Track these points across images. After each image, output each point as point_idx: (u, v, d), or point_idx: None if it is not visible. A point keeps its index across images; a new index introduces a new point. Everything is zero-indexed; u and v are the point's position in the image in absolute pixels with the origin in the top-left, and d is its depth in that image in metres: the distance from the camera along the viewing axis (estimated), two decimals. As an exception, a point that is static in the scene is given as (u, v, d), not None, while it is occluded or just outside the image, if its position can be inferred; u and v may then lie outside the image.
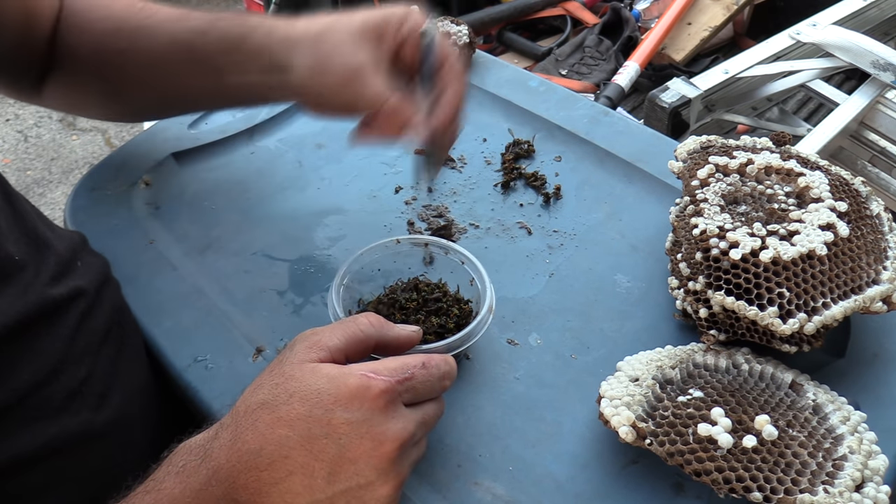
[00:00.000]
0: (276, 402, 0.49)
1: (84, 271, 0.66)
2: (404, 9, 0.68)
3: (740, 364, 0.61)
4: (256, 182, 0.84)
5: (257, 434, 0.49)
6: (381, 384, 0.49)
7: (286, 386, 0.50)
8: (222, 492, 0.48)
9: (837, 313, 0.60)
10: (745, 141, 0.75)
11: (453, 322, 0.65)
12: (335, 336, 0.53)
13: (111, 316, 0.66)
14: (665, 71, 1.78)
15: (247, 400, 0.51)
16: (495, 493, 0.57)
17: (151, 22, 0.73)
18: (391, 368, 0.51)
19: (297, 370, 0.51)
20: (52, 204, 2.45)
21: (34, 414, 0.56)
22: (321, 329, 0.54)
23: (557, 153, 0.86)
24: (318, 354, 0.52)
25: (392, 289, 0.68)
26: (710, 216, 0.65)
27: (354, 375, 0.49)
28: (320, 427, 0.48)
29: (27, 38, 0.71)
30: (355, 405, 0.49)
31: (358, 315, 0.56)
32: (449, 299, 0.66)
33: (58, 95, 0.78)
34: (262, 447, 0.48)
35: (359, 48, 0.65)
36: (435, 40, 0.67)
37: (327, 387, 0.49)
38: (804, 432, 0.55)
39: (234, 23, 0.71)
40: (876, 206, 0.68)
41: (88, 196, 0.81)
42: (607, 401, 0.57)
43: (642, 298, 0.71)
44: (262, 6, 2.21)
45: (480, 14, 1.98)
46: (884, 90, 1.35)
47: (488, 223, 0.78)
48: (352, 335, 0.54)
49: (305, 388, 0.49)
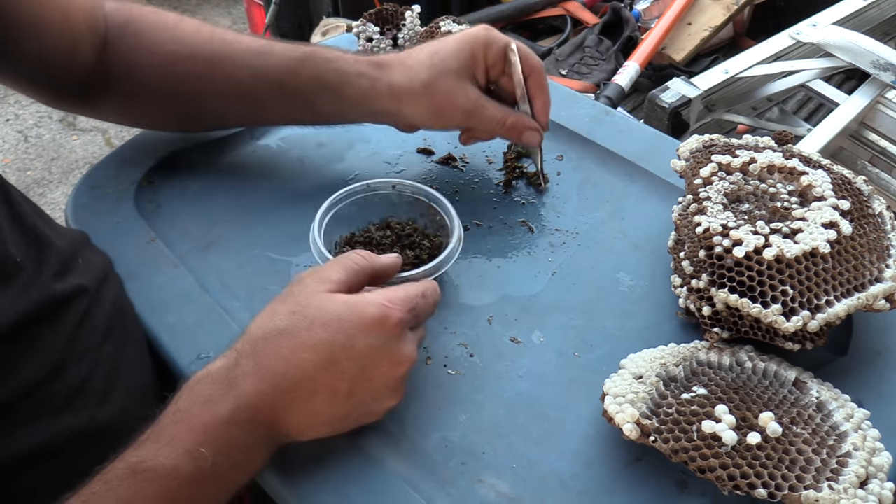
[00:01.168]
0: (297, 329, 0.53)
1: (85, 269, 0.66)
2: (484, 32, 0.75)
3: (744, 362, 0.61)
4: (258, 180, 0.84)
5: (280, 359, 0.53)
6: (397, 313, 0.55)
7: (305, 313, 0.54)
8: (249, 416, 0.52)
9: (840, 311, 0.60)
10: (748, 140, 0.75)
11: (426, 254, 0.71)
12: (336, 271, 0.57)
13: (113, 313, 0.66)
14: (665, 71, 1.79)
15: (263, 327, 0.54)
16: (499, 490, 0.57)
17: (230, 51, 0.75)
18: (401, 298, 0.56)
19: (314, 299, 0.55)
20: (53, 204, 2.44)
21: (36, 412, 0.56)
22: (322, 266, 0.59)
23: (559, 152, 0.86)
24: (327, 286, 0.56)
25: (366, 229, 0.73)
26: (714, 214, 0.65)
27: (373, 304, 0.54)
28: (343, 351, 0.53)
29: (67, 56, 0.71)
30: (375, 332, 0.54)
31: (350, 252, 0.60)
32: (419, 234, 0.73)
33: (115, 108, 0.79)
34: (286, 371, 0.53)
35: (466, 87, 0.74)
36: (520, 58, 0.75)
37: (348, 314, 0.54)
38: (808, 429, 0.55)
39: (325, 65, 0.75)
40: (878, 205, 0.68)
41: (90, 194, 0.80)
42: (611, 398, 0.57)
43: (645, 296, 0.71)
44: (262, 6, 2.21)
45: (480, 14, 1.98)
46: (884, 90, 1.35)
47: (490, 221, 0.78)
48: (350, 269, 0.58)
49: (326, 314, 0.54)
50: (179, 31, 0.75)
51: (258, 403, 0.52)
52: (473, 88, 0.75)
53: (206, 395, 0.52)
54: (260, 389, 0.52)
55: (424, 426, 0.61)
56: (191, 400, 0.52)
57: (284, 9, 2.16)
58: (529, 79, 0.76)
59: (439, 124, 0.78)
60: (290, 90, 0.76)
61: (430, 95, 0.74)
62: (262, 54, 0.75)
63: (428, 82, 0.73)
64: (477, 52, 0.74)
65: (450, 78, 0.73)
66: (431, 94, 0.74)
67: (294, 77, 0.75)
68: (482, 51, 0.74)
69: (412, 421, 0.61)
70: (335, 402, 0.54)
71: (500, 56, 0.75)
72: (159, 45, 0.75)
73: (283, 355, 0.53)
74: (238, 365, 0.53)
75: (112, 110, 0.80)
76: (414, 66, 0.74)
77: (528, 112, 0.77)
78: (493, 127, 0.76)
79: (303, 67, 0.75)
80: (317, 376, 0.53)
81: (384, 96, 0.75)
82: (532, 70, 0.76)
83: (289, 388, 0.53)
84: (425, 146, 0.87)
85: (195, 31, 0.76)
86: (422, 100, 0.74)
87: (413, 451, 0.59)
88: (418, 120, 0.77)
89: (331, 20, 2.12)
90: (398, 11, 0.98)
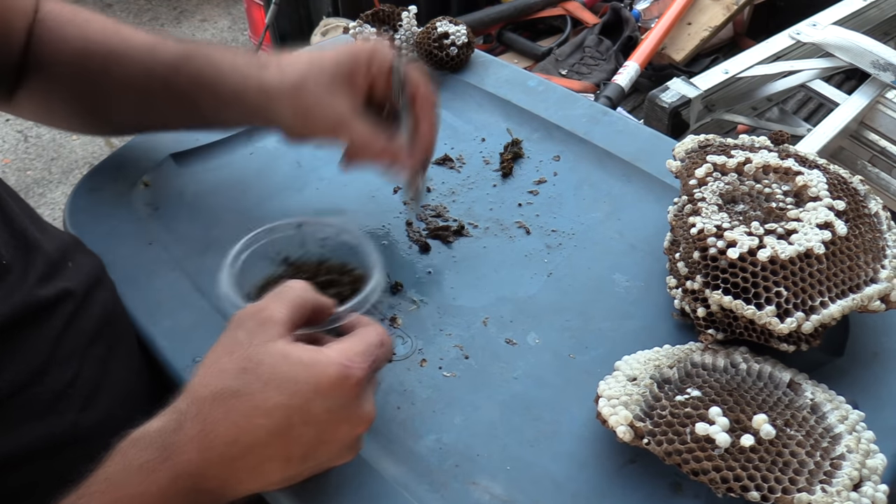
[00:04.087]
0: (250, 391, 0.48)
1: (74, 272, 0.65)
2: (372, 45, 0.71)
3: (738, 363, 0.61)
4: (256, 182, 0.84)
5: (231, 424, 0.48)
6: (358, 373, 0.50)
7: (258, 372, 0.49)
8: (192, 484, 0.48)
9: (835, 312, 0.60)
10: (744, 140, 0.75)
11: (348, 289, 0.65)
12: (281, 307, 0.52)
13: (101, 317, 0.65)
14: (665, 71, 1.79)
15: (210, 386, 0.49)
16: (493, 492, 0.57)
17: (125, 49, 0.73)
18: (360, 353, 0.52)
19: (265, 354, 0.50)
20: (52, 204, 2.45)
21: (18, 415, 0.55)
22: (263, 303, 0.53)
23: (556, 153, 0.86)
24: (275, 331, 0.51)
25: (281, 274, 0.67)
26: (708, 215, 0.65)
27: (332, 364, 0.50)
28: (300, 415, 0.49)
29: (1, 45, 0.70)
30: (334, 394, 0.49)
31: (288, 283, 0.55)
32: (336, 270, 0.67)
33: (30, 105, 0.77)
34: (237, 437, 0.48)
35: (336, 97, 0.69)
36: (404, 75, 0.70)
37: (304, 375, 0.49)
38: (802, 431, 0.55)
39: (205, 62, 0.72)
40: (874, 205, 0.68)
41: (88, 197, 0.81)
42: (605, 400, 0.57)
43: (641, 298, 0.71)
44: (261, 6, 2.21)
45: (480, 14, 1.98)
46: (884, 90, 1.35)
47: (487, 223, 0.78)
48: (294, 303, 0.53)
49: (281, 375, 0.49)
50: (87, 28, 0.73)
51: (203, 472, 0.48)
52: (345, 102, 0.69)
53: (140, 462, 0.48)
54: (206, 458, 0.48)
55: (419, 428, 0.61)
56: (123, 466, 0.48)
57: (284, 9, 2.16)
58: (416, 99, 0.71)
59: (307, 131, 0.72)
60: (174, 89, 0.72)
61: (297, 98, 0.69)
62: (153, 50, 0.72)
63: (297, 84, 0.69)
64: (358, 65, 0.70)
65: (321, 85, 0.69)
66: (298, 98, 0.69)
67: (176, 74, 0.72)
68: (365, 65, 0.70)
69: (407, 424, 0.61)
70: (288, 466, 0.50)
71: (384, 71, 0.70)
72: (65, 41, 0.73)
73: (234, 420, 0.48)
74: (181, 429, 0.48)
75: (27, 107, 0.77)
76: (288, 66, 0.70)
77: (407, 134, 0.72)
78: (360, 147, 0.70)
79: (185, 64, 0.72)
80: (270, 442, 0.48)
81: (255, 95, 0.70)
82: (418, 88, 0.71)
83: (239, 455, 0.48)
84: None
85: (101, 28, 0.73)
86: (288, 101, 0.69)
87: (407, 454, 0.59)
88: (286, 123, 0.72)
89: (331, 20, 2.12)
90: (395, 12, 0.98)
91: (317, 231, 0.68)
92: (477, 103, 0.93)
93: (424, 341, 0.67)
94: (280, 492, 0.56)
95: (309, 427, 0.49)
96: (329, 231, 0.68)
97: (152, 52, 0.72)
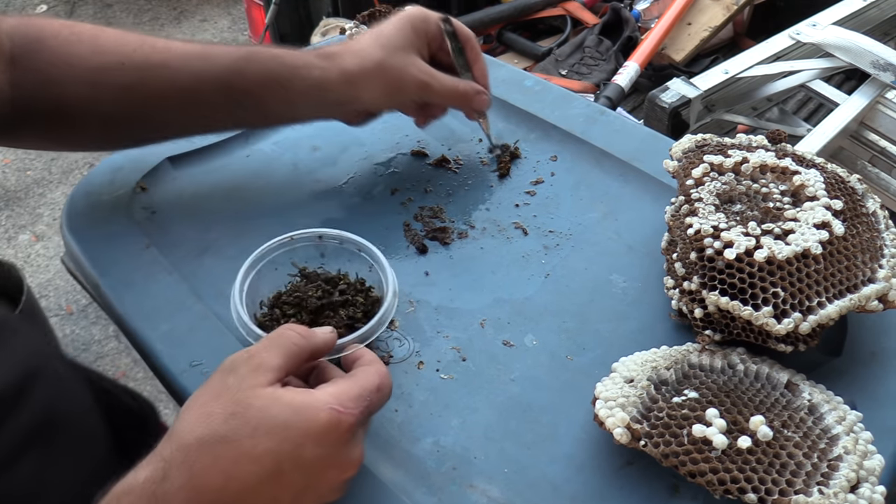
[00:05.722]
0: (238, 436, 0.47)
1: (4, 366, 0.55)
2: (418, 9, 0.79)
3: (736, 364, 0.61)
4: (252, 185, 0.83)
5: (219, 471, 0.47)
6: (349, 418, 0.49)
7: (246, 416, 0.48)
8: None
9: (833, 312, 0.60)
10: (741, 139, 0.74)
11: (360, 311, 0.65)
12: (274, 355, 0.51)
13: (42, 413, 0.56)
14: (665, 71, 1.78)
15: (196, 432, 0.48)
16: (491, 495, 0.57)
17: (165, 57, 0.73)
18: (353, 398, 0.50)
19: (254, 398, 0.48)
20: (52, 204, 2.45)
21: None
22: (256, 349, 0.52)
23: (553, 153, 0.86)
24: (266, 377, 0.50)
25: (295, 287, 0.67)
26: (705, 216, 0.65)
27: (323, 409, 0.49)
28: (290, 461, 0.48)
29: None
30: (325, 440, 0.48)
31: (284, 328, 0.54)
32: (352, 288, 0.66)
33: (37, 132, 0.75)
34: (225, 484, 0.47)
35: (415, 62, 0.77)
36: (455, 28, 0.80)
37: (294, 420, 0.48)
38: (799, 433, 0.55)
39: (273, 63, 0.74)
40: (872, 204, 0.68)
41: (85, 201, 0.80)
42: (602, 402, 0.57)
43: (638, 299, 0.71)
44: (261, 6, 2.21)
45: (480, 14, 1.98)
46: (884, 90, 1.35)
47: (484, 224, 0.78)
48: (288, 351, 0.52)
49: (270, 419, 0.48)
50: (101, 42, 0.72)
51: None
52: (421, 64, 0.77)
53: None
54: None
55: (416, 431, 0.61)
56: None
57: (284, 9, 2.16)
58: (465, 48, 0.81)
59: (394, 103, 0.80)
60: (238, 90, 0.74)
61: (385, 74, 0.75)
62: (203, 57, 0.74)
63: (380, 61, 0.75)
64: (417, 27, 0.78)
65: (399, 54, 0.76)
66: (385, 73, 0.75)
67: (240, 76, 0.73)
68: (421, 25, 0.78)
69: (404, 426, 0.61)
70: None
71: (437, 29, 0.79)
72: (80, 58, 0.71)
73: (222, 467, 0.47)
74: (167, 478, 0.47)
75: (33, 135, 0.75)
76: (362, 49, 0.75)
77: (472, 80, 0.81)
78: (447, 96, 0.79)
79: (249, 65, 0.74)
80: (259, 489, 0.47)
81: (337, 84, 0.75)
82: (467, 40, 0.80)
83: (228, 502, 0.47)
84: (419, 148, 0.87)
85: (119, 41, 0.73)
86: (377, 80, 0.75)
87: (404, 457, 0.59)
88: (373, 102, 0.78)
89: (331, 20, 2.12)
90: (391, 13, 0.97)
91: (337, 244, 0.68)
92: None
93: (421, 343, 0.67)
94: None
95: (298, 472, 0.48)
96: (349, 246, 0.68)
97: (204, 58, 0.74)
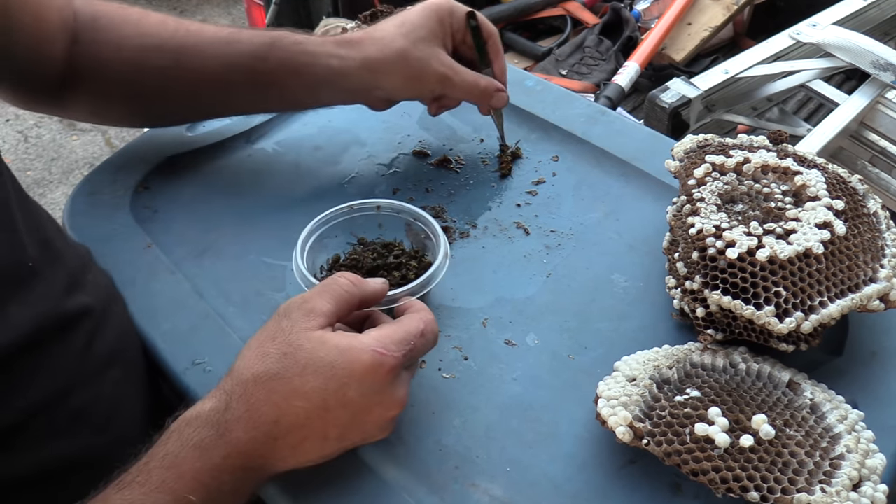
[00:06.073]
0: (289, 374, 0.52)
1: (93, 287, 0.65)
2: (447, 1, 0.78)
3: (737, 363, 0.61)
4: (254, 185, 0.84)
5: (272, 406, 0.51)
6: (391, 360, 0.53)
7: (297, 357, 0.52)
8: (241, 463, 0.51)
9: (834, 312, 0.60)
10: (742, 139, 0.74)
11: (413, 273, 0.69)
12: (325, 301, 0.55)
13: (118, 338, 0.65)
14: (665, 71, 1.78)
15: (252, 369, 0.52)
16: (492, 494, 0.57)
17: (197, 41, 0.75)
18: (397, 341, 0.54)
19: (305, 340, 0.53)
20: (53, 204, 2.45)
21: (36, 436, 0.55)
22: (309, 295, 0.56)
23: (554, 153, 0.86)
24: (317, 322, 0.54)
25: (352, 252, 0.71)
26: (707, 215, 0.65)
27: (366, 351, 0.52)
28: (335, 398, 0.52)
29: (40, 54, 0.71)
30: (368, 380, 0.52)
31: (336, 276, 0.58)
32: (406, 255, 0.71)
33: (84, 106, 0.79)
34: (278, 418, 0.51)
35: (438, 52, 0.76)
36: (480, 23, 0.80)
37: (340, 360, 0.52)
38: (801, 431, 0.55)
39: (295, 49, 0.76)
40: (873, 204, 0.68)
41: (86, 200, 0.81)
42: (604, 401, 0.57)
43: (640, 298, 0.71)
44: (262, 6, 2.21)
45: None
46: (884, 90, 1.35)
47: (485, 223, 0.78)
48: (339, 297, 0.56)
49: (318, 360, 0.52)
50: (144, 25, 0.75)
51: (250, 450, 0.51)
52: (444, 55, 0.77)
53: (196, 440, 0.51)
54: (252, 437, 0.51)
55: (418, 431, 0.61)
56: (181, 444, 0.51)
57: (284, 9, 2.16)
58: (487, 44, 0.80)
59: (414, 93, 0.79)
60: (261, 76, 0.76)
61: (406, 63, 0.75)
62: (230, 42, 0.75)
63: (402, 50, 0.75)
64: (443, 19, 0.77)
65: (422, 45, 0.75)
66: (407, 62, 0.75)
67: (263, 62, 0.75)
68: (447, 17, 0.77)
69: (406, 426, 0.61)
70: (325, 444, 0.54)
71: (462, 23, 0.79)
72: (125, 38, 0.74)
73: (275, 401, 0.51)
74: (229, 409, 0.52)
75: (81, 108, 0.79)
76: (385, 37, 0.76)
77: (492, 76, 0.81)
78: (467, 90, 0.79)
79: (272, 51, 0.75)
80: (308, 423, 0.52)
81: (359, 71, 0.75)
82: (490, 36, 0.80)
83: (280, 435, 0.52)
84: (421, 148, 0.87)
85: (160, 24, 0.75)
86: (398, 69, 0.75)
87: (407, 456, 0.59)
88: (394, 91, 0.78)
89: (331, 20, 2.12)
90: (392, 13, 0.97)
91: (394, 214, 0.72)
92: (475, 104, 0.92)
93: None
94: (280, 494, 0.56)
95: (344, 409, 0.52)
96: (405, 216, 0.72)
97: (230, 44, 0.75)
